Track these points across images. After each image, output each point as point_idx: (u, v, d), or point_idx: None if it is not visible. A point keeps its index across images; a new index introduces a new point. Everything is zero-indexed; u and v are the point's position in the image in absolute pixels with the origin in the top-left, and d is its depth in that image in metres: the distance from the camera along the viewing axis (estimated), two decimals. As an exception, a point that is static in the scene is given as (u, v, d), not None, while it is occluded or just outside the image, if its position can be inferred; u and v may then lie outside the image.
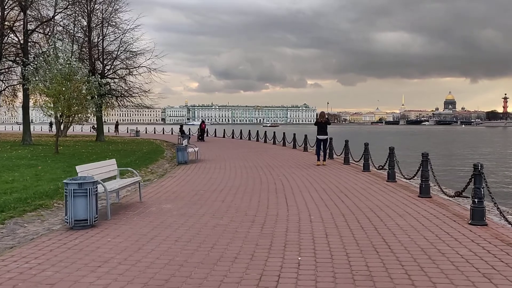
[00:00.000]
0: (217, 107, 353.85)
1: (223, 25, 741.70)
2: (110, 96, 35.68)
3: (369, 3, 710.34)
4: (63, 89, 18.94)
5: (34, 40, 29.43)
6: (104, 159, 19.64)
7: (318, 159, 16.61)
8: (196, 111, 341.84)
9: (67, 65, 19.41)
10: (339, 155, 18.81)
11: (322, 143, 16.63)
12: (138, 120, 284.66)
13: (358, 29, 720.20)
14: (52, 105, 19.72)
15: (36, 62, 20.36)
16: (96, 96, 29.22)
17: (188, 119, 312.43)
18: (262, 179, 12.78)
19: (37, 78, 19.68)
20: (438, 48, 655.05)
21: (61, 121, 20.71)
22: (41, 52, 21.62)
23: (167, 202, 9.18)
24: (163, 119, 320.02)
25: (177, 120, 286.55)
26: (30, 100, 26.47)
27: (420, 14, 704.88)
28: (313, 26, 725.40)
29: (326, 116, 17.40)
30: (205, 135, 40.23)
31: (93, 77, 20.60)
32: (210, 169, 15.66)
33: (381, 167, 14.94)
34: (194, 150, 18.84)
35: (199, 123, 39.52)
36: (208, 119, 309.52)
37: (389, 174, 11.96)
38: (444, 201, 8.92)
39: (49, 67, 19.39)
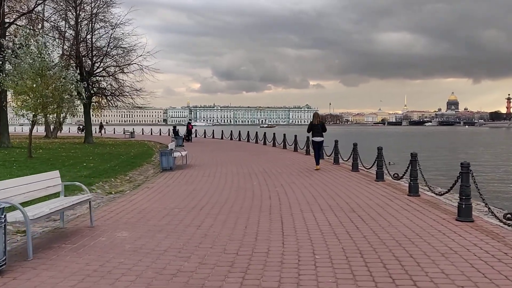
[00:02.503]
0: (219, 108, 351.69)
1: (226, 26, 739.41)
2: (99, 95, 33.51)
3: (371, 4, 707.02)
4: (34, 85, 16.74)
5: (15, 34, 27.17)
6: (82, 164, 17.61)
7: (317, 163, 15.40)
8: (198, 112, 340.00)
9: (40, 59, 17.18)
10: (346, 160, 16.57)
11: (317, 146, 15.62)
12: (140, 121, 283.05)
13: (361, 29, 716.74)
14: (21, 103, 17.50)
15: (4, 55, 18.13)
16: (82, 94, 27.04)
17: (190, 119, 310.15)
18: (255, 192, 10.54)
19: (5, 74, 17.47)
20: (441, 48, 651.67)
21: (34, 121, 18.40)
22: (13, 44, 19.39)
23: (125, 228, 6.96)
24: (164, 120, 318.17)
25: (179, 121, 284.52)
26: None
27: (422, 14, 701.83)
28: (315, 26, 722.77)
29: (319, 119, 16.20)
30: (192, 135, 38.06)
31: (70, 72, 18.36)
32: (197, 177, 13.44)
33: (396, 175, 12.71)
34: (181, 155, 16.61)
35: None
36: (210, 120, 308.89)
37: (411, 187, 9.70)
38: (494, 227, 6.65)
39: (19, 61, 17.19)
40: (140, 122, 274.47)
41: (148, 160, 20.05)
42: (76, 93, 28.54)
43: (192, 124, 36.97)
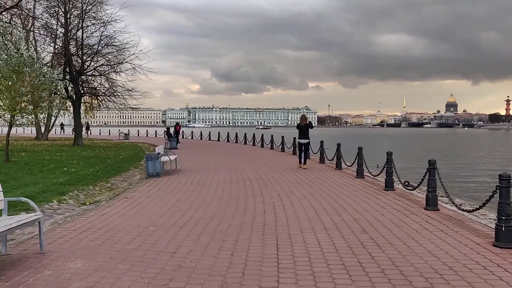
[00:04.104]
0: (217, 109, 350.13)
1: (225, 27, 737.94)
2: (89, 95, 32.14)
3: (370, 6, 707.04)
4: (10, 83, 15.37)
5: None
6: (63, 168, 16.19)
7: (300, 162, 16.28)
8: (196, 113, 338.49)
9: (17, 54, 15.80)
10: (350, 165, 15.20)
11: (303, 147, 16.32)
12: (139, 122, 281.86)
13: (360, 31, 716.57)
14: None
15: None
16: (68, 93, 25.69)
17: (188, 121, 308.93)
18: (247, 204, 9.17)
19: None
20: (440, 50, 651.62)
21: (12, 123, 17.01)
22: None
23: (82, 254, 5.59)
24: (163, 121, 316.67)
25: (177, 123, 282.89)
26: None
27: (421, 16, 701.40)
28: (314, 28, 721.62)
29: (308, 120, 16.89)
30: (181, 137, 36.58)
31: (49, 69, 16.97)
32: (184, 185, 12.07)
33: (407, 183, 11.38)
34: (170, 159, 15.22)
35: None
36: (209, 122, 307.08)
37: (428, 199, 8.33)
38: (545, 257, 5.29)
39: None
40: (139, 123, 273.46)
41: (136, 164, 18.65)
42: (64, 92, 27.32)
43: (180, 125, 35.37)
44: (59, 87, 17.10)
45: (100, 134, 64.94)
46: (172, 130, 31.89)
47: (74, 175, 14.10)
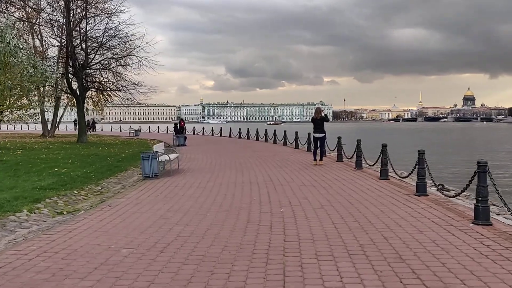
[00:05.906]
0: (232, 105, 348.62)
1: (239, 23, 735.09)
2: (94, 90, 30.79)
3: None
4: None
5: None
6: (53, 169, 14.68)
7: (315, 159, 15.35)
8: (211, 109, 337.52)
9: (4, 44, 14.39)
10: (372, 165, 13.47)
11: (318, 141, 15.45)
12: (154, 119, 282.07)
13: (375, 25, 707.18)
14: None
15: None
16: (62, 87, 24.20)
17: (203, 117, 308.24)
18: (251, 214, 7.54)
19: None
20: (457, 44, 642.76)
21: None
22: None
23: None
24: (178, 117, 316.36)
25: (192, 119, 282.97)
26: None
27: (438, 9, 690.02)
28: (329, 23, 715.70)
29: (323, 113, 15.87)
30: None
31: (40, 60, 15.51)
32: (182, 189, 10.49)
33: (441, 186, 9.65)
34: (169, 158, 13.67)
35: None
36: (223, 117, 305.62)
37: (478, 210, 6.57)
38: None
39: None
40: (154, 119, 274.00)
41: (137, 164, 17.08)
42: (67, 86, 25.98)
43: (184, 121, 33.70)
44: (47, 75, 15.50)
45: (111, 130, 63.86)
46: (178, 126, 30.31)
47: (63, 176, 12.65)
